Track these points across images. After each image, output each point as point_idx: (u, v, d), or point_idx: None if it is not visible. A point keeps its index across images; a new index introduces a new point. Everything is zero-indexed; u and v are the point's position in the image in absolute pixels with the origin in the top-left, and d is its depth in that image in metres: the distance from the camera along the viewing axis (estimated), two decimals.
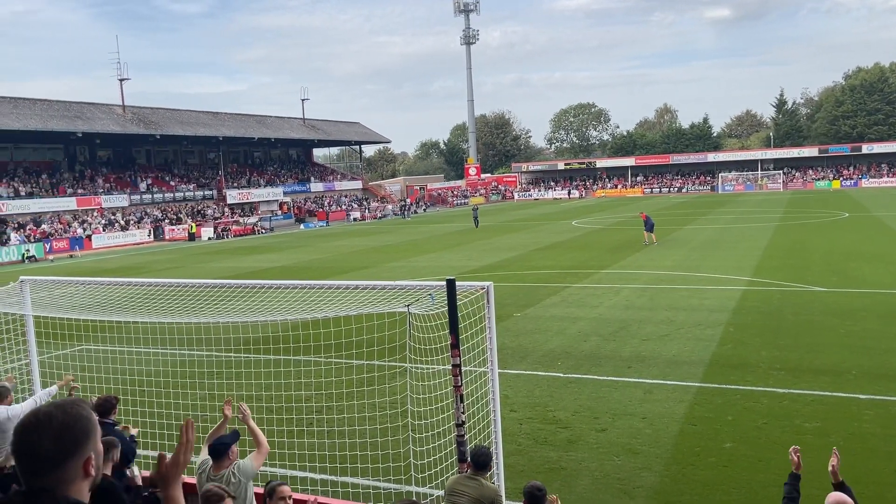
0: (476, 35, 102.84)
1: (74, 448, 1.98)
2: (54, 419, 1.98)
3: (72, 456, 1.97)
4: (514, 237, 40.73)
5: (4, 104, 52.69)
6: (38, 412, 2.01)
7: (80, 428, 2.01)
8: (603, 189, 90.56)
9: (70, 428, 1.99)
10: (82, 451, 2.00)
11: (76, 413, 2.02)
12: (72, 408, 2.04)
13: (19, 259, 43.04)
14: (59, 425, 1.98)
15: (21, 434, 1.98)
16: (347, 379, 12.13)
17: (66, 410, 2.02)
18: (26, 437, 1.97)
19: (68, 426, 1.98)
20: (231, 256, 38.74)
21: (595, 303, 19.72)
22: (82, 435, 2.00)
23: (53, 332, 10.38)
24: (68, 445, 1.97)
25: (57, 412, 2.01)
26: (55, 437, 1.96)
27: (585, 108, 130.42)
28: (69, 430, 1.98)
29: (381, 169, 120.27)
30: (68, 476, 1.97)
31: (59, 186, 55.44)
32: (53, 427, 1.97)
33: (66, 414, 2.01)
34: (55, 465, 1.95)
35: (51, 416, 1.99)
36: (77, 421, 2.01)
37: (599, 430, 10.34)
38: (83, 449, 2.00)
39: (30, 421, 1.99)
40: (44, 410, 2.02)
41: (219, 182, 66.67)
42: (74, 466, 1.98)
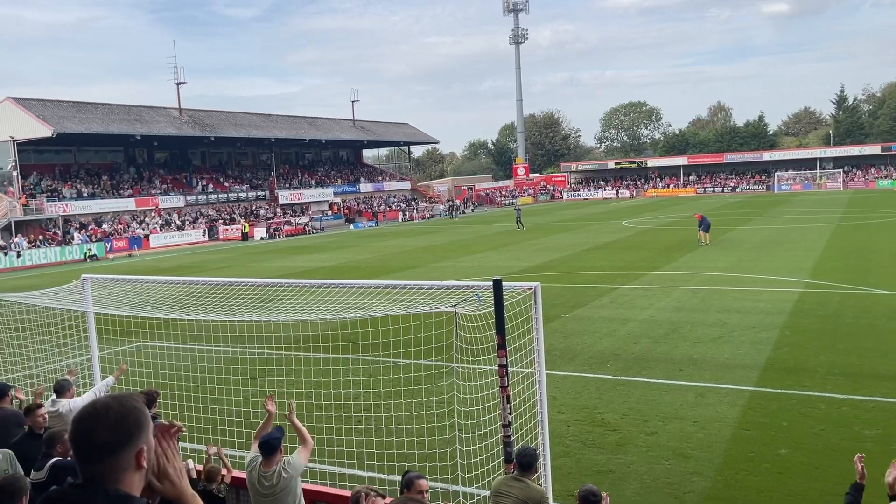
0: (525, 34, 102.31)
1: (128, 438, 2.04)
2: (110, 410, 2.05)
3: (125, 446, 2.04)
4: (563, 237, 40.41)
5: (68, 108, 54.64)
6: (96, 403, 2.09)
7: (134, 419, 2.07)
8: (654, 188, 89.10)
9: (124, 419, 2.05)
10: (135, 441, 2.06)
11: (131, 405, 2.09)
12: (127, 400, 2.12)
13: (82, 258, 44.55)
14: (115, 416, 2.04)
15: (78, 423, 2.06)
16: (395, 378, 12.21)
17: (122, 402, 2.09)
18: (83, 426, 2.05)
19: (123, 417, 2.05)
20: (283, 256, 39.40)
21: (645, 304, 19.42)
22: (136, 426, 2.07)
23: (112, 328, 10.71)
24: (122, 435, 2.04)
25: (113, 403, 2.08)
26: (110, 427, 2.03)
27: (637, 107, 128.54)
28: (124, 420, 2.05)
29: (430, 169, 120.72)
30: (121, 465, 2.03)
31: (119, 187, 57.23)
32: (109, 417, 2.04)
33: (122, 405, 2.08)
34: (110, 453, 2.02)
35: (107, 407, 2.06)
36: (131, 412, 2.08)
37: (649, 433, 10.18)
38: (136, 440, 2.06)
39: (87, 411, 2.07)
40: (101, 402, 2.09)
41: (271, 183, 67.87)
42: (127, 457, 2.04)
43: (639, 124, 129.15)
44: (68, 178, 55.40)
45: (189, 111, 64.08)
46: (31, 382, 10.48)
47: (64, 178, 55.34)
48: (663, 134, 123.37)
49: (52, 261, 43.42)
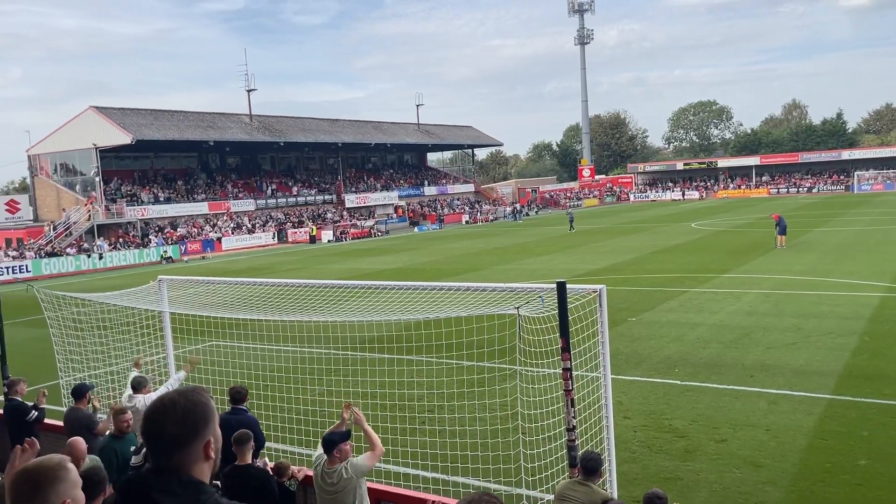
0: (590, 35, 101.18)
1: (195, 431, 2.14)
2: (177, 405, 2.15)
3: (193, 439, 2.14)
4: (630, 239, 39.73)
5: (147, 116, 56.92)
6: (164, 399, 2.19)
7: (200, 413, 2.17)
8: (725, 190, 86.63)
9: (192, 412, 2.15)
10: (202, 434, 2.16)
11: (196, 399, 2.19)
12: (193, 394, 2.21)
13: (158, 260, 46.32)
14: (182, 411, 2.14)
15: (148, 419, 2.17)
16: (458, 379, 12.25)
17: (188, 397, 2.19)
18: (153, 422, 2.15)
19: (190, 411, 2.15)
20: (349, 258, 40.03)
21: (715, 308, 18.92)
22: (202, 420, 2.16)
23: (187, 328, 11.10)
24: (189, 429, 2.13)
25: (180, 399, 2.17)
26: (178, 422, 2.12)
27: (706, 106, 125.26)
28: (190, 414, 2.14)
29: (493, 172, 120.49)
30: (190, 458, 2.13)
31: (193, 192, 59.27)
32: (177, 412, 2.13)
33: (188, 400, 2.17)
34: (178, 447, 2.12)
35: (174, 403, 2.16)
36: (197, 406, 2.17)
37: (719, 440, 9.92)
38: (203, 433, 2.16)
39: (156, 407, 2.18)
40: (168, 397, 2.20)
41: (338, 186, 69.07)
42: (196, 449, 2.14)
43: (708, 124, 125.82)
44: (146, 184, 57.69)
45: (259, 117, 65.85)
46: (111, 379, 10.97)
47: (142, 183, 57.67)
48: (734, 133, 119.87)
49: (131, 263, 45.29)
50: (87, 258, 43.77)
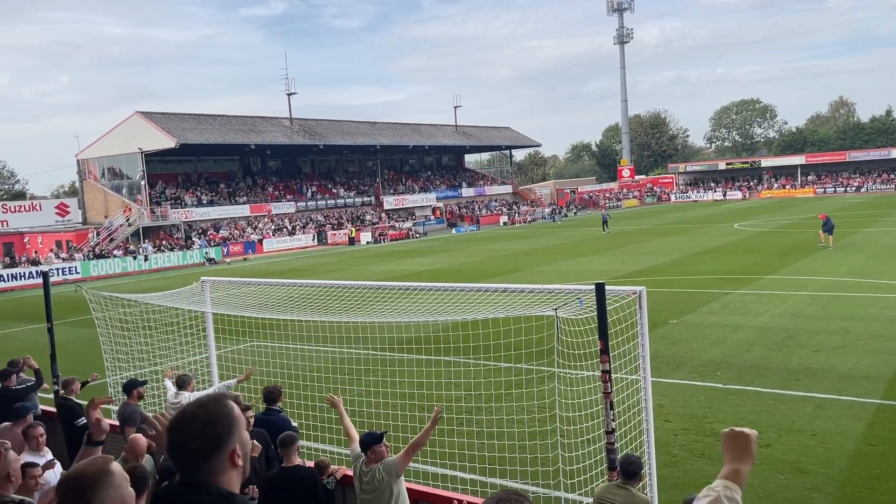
0: (630, 34, 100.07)
1: (218, 443, 2.12)
2: (198, 418, 2.13)
3: (217, 450, 2.11)
4: (671, 240, 39.18)
5: (190, 121, 58.09)
6: (185, 412, 2.17)
7: (223, 424, 2.14)
8: (768, 189, 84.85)
9: (212, 425, 2.12)
10: (226, 444, 2.13)
11: (217, 410, 2.16)
12: (213, 405, 2.18)
13: (201, 262, 47.19)
14: (203, 423, 2.12)
15: (171, 433, 2.16)
16: (496, 381, 12.22)
17: (208, 408, 2.16)
18: (176, 436, 2.14)
19: (211, 423, 2.12)
20: (387, 260, 40.26)
21: (759, 310, 18.54)
22: (225, 430, 2.14)
23: (229, 328, 11.29)
24: (212, 441, 2.11)
25: (199, 411, 2.15)
26: (199, 435, 2.10)
27: (749, 105, 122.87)
28: (212, 426, 2.12)
29: (531, 173, 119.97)
30: (217, 468, 2.12)
31: (235, 195, 60.27)
32: (197, 425, 2.12)
33: (209, 412, 2.15)
34: (203, 459, 2.10)
35: (195, 415, 2.14)
36: (219, 417, 2.14)
37: (763, 445, 9.71)
38: (227, 443, 2.13)
39: (177, 421, 2.16)
40: (189, 410, 2.17)
41: (376, 188, 69.54)
42: (221, 459, 2.12)
43: (751, 123, 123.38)
44: (189, 187, 58.85)
45: (299, 120, 66.67)
46: (156, 378, 11.20)
47: (186, 186, 58.84)
48: (778, 132, 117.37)
49: (175, 264, 46.22)
50: (132, 260, 44.82)
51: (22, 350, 14.24)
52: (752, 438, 2.32)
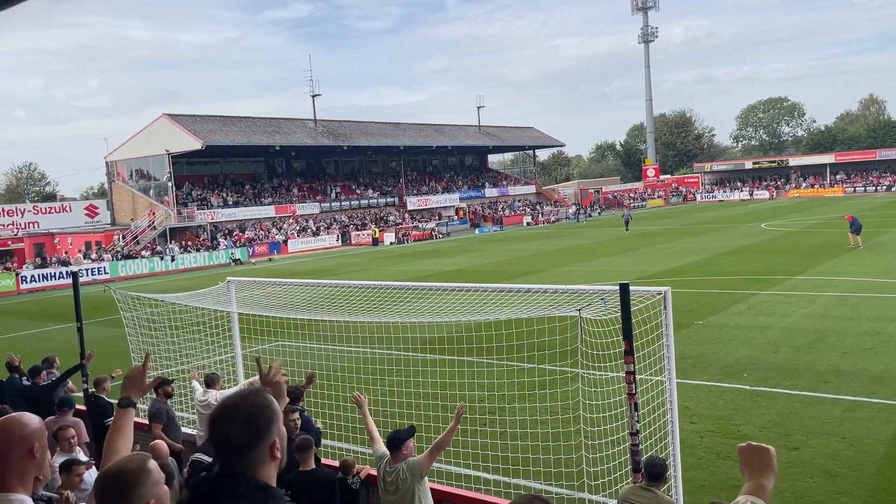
0: (655, 32, 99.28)
1: (259, 435, 2.15)
2: (241, 410, 2.15)
3: (258, 443, 2.14)
4: (696, 241, 38.79)
5: (216, 122, 58.71)
6: (227, 403, 2.20)
7: (264, 416, 2.17)
8: (796, 189, 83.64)
9: (254, 418, 2.15)
10: (267, 437, 2.16)
11: (259, 403, 2.19)
12: (255, 398, 2.21)
13: (227, 262, 47.68)
14: (245, 415, 2.14)
15: (213, 424, 2.18)
16: (520, 381, 12.19)
17: (251, 401, 2.19)
18: (218, 428, 2.16)
19: (253, 416, 2.15)
20: (411, 260, 40.35)
21: (787, 311, 18.29)
22: (266, 422, 2.17)
23: (254, 328, 11.39)
24: (254, 433, 2.14)
25: (242, 403, 2.18)
26: (242, 427, 2.13)
27: (777, 103, 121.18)
28: (254, 419, 2.15)
29: (555, 173, 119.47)
30: (257, 460, 2.15)
31: (260, 196, 60.80)
32: (240, 417, 2.14)
33: (251, 405, 2.18)
34: (244, 451, 2.13)
35: (237, 408, 2.16)
36: (261, 410, 2.17)
37: (791, 448, 9.58)
38: (268, 435, 2.16)
39: (219, 412, 2.19)
40: (231, 402, 2.20)
41: (400, 189, 69.74)
42: (261, 451, 2.15)
43: (779, 121, 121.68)
44: (215, 188, 59.48)
45: (323, 122, 67.06)
46: (182, 377, 11.34)
47: (212, 187, 59.49)
48: (807, 131, 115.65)
49: (201, 265, 46.74)
50: (160, 260, 45.42)
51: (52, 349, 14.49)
52: (772, 454, 2.29)
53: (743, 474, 2.27)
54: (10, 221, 49.03)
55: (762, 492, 2.21)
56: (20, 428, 2.68)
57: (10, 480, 2.60)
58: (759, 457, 2.24)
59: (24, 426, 2.70)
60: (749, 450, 2.28)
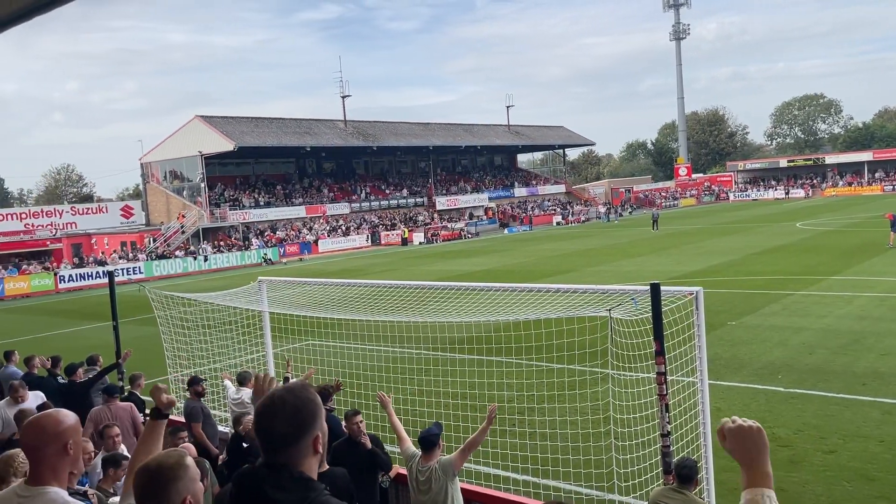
0: (687, 30, 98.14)
1: (304, 428, 2.20)
2: (287, 403, 2.21)
3: (303, 435, 2.19)
4: (730, 240, 38.24)
5: (248, 124, 59.40)
6: (273, 397, 2.25)
7: (309, 410, 2.22)
8: (833, 187, 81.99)
9: (300, 410, 2.20)
10: (311, 430, 2.21)
11: (305, 396, 2.25)
12: (301, 392, 2.27)
13: (259, 262, 48.21)
14: (291, 408, 2.20)
15: (260, 417, 2.24)
16: (549, 382, 12.12)
17: (297, 394, 2.24)
18: (264, 420, 2.22)
19: (299, 409, 2.20)
20: (440, 260, 40.39)
21: (823, 312, 17.94)
22: (310, 416, 2.22)
23: (285, 327, 11.50)
24: (299, 426, 2.19)
25: (289, 396, 2.23)
26: (288, 420, 2.18)
27: (812, 100, 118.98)
28: (299, 412, 2.20)
29: (585, 172, 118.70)
30: (301, 452, 2.20)
31: (291, 196, 61.38)
32: (286, 410, 2.19)
33: (297, 398, 2.23)
34: (289, 443, 2.18)
35: (284, 401, 2.22)
36: (306, 404, 2.23)
37: (827, 451, 9.40)
38: (312, 429, 2.21)
39: (266, 405, 2.24)
40: (278, 395, 2.25)
41: (429, 189, 69.85)
42: (305, 444, 2.20)
43: (815, 118, 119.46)
44: (247, 189, 60.18)
45: (353, 122, 67.46)
46: (214, 375, 11.50)
47: (243, 188, 60.20)
48: (843, 128, 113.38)
49: (234, 264, 47.34)
50: (193, 260, 46.09)
51: (90, 347, 14.78)
52: (765, 433, 2.03)
53: (735, 458, 2.02)
54: (48, 222, 50.15)
55: (768, 480, 1.98)
56: (55, 424, 2.75)
57: (44, 474, 2.66)
58: (752, 439, 1.99)
59: (59, 423, 2.76)
60: (740, 431, 2.00)
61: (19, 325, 27.11)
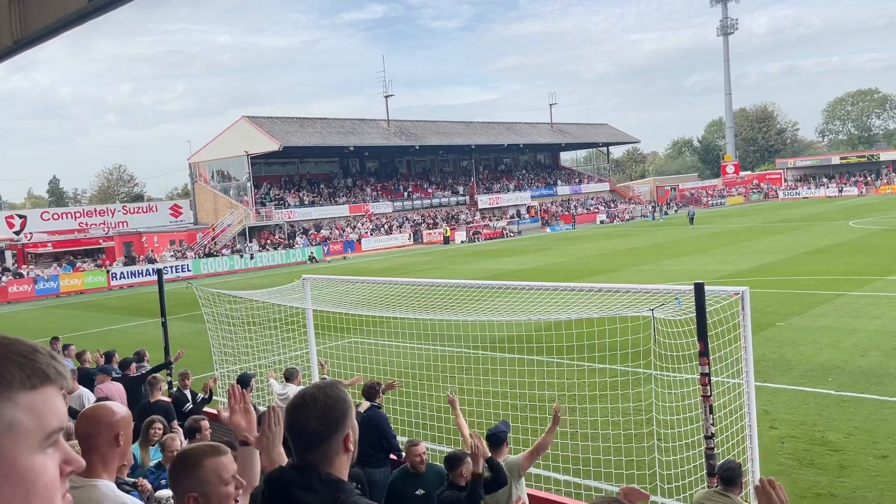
0: (735, 24, 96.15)
1: (335, 426, 2.20)
2: (318, 401, 2.22)
3: (334, 433, 2.20)
4: (779, 239, 37.35)
5: (293, 124, 60.21)
6: (304, 395, 2.27)
7: (340, 408, 2.23)
8: (888, 185, 79.37)
9: (331, 408, 2.21)
10: (343, 428, 2.22)
11: (336, 395, 2.26)
12: (332, 390, 2.28)
13: (303, 260, 48.85)
14: (323, 406, 2.21)
15: (291, 414, 2.26)
16: (591, 382, 12.04)
17: (328, 392, 2.26)
18: (296, 417, 2.23)
19: (330, 407, 2.21)
20: (481, 259, 40.36)
21: (876, 313, 17.40)
22: (341, 414, 2.23)
23: (328, 324, 11.65)
24: (331, 424, 2.20)
25: (320, 394, 2.24)
26: (320, 417, 2.19)
27: (867, 95, 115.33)
28: (331, 410, 2.21)
29: (630, 170, 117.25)
30: (332, 450, 2.21)
31: (335, 195, 62.03)
32: (318, 408, 2.20)
33: (328, 396, 2.24)
34: (321, 441, 2.19)
35: (315, 399, 2.23)
36: (337, 402, 2.23)
37: (879, 456, 9.13)
38: (343, 427, 2.22)
39: (297, 403, 2.26)
40: (309, 393, 2.27)
41: (471, 188, 69.83)
42: (337, 443, 2.21)
43: (869, 114, 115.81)
44: (292, 188, 61.01)
45: (396, 122, 67.82)
46: (259, 372, 11.71)
47: (288, 187, 61.06)
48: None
49: (279, 263, 48.04)
50: (239, 258, 46.94)
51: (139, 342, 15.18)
52: None
53: None
54: (101, 221, 51.66)
55: None
56: (109, 415, 2.84)
57: (95, 465, 2.75)
58: None
59: (112, 413, 2.86)
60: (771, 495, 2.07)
61: (74, 320, 27.99)
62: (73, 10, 4.25)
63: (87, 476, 2.72)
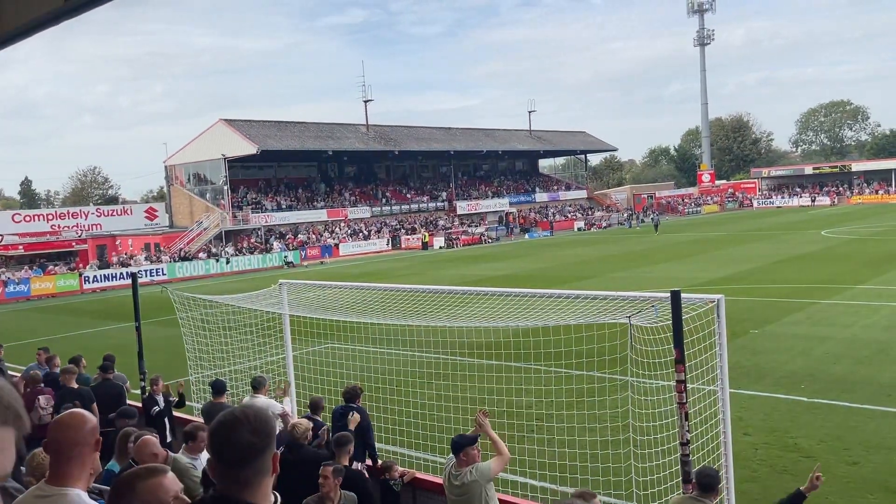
0: (711, 35, 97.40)
1: (269, 438, 2.14)
2: (248, 416, 2.14)
3: (268, 445, 2.13)
4: (753, 248, 37.84)
5: (271, 128, 59.88)
6: (234, 411, 2.19)
7: (271, 424, 2.19)
8: (860, 195, 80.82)
9: (264, 422, 2.15)
10: (273, 443, 2.17)
11: (263, 413, 2.24)
12: (257, 409, 2.27)
13: (280, 265, 48.53)
14: (255, 419, 2.13)
15: (222, 431, 2.12)
16: (567, 388, 12.08)
17: (255, 409, 2.23)
18: (227, 433, 2.10)
19: (263, 420, 2.15)
20: (460, 264, 40.39)
21: (847, 322, 17.68)
22: (273, 429, 2.18)
23: (305, 329, 11.56)
24: (265, 436, 2.12)
25: (248, 411, 2.19)
26: (253, 430, 2.10)
27: (839, 106, 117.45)
28: (264, 423, 2.15)
29: (607, 178, 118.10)
30: (263, 467, 2.12)
31: (313, 200, 61.73)
32: (250, 421, 2.12)
33: (256, 411, 2.21)
34: (256, 453, 2.10)
35: (245, 414, 2.15)
36: (267, 418, 2.19)
37: (850, 463, 9.26)
38: (273, 441, 2.17)
39: (227, 419, 2.15)
40: (238, 410, 2.20)
41: (450, 194, 69.91)
42: (268, 457, 2.13)
43: (841, 125, 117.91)
44: (269, 192, 60.63)
45: (375, 127, 67.73)
46: (235, 378, 11.59)
47: (266, 191, 60.66)
48: (871, 135, 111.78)
49: (255, 267, 47.69)
50: (215, 262, 46.51)
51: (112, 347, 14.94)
52: None
53: None
54: (74, 223, 50.91)
55: None
56: (87, 422, 2.79)
57: (72, 473, 2.69)
58: None
59: (89, 420, 2.81)
60: None
61: (45, 324, 27.54)
62: (49, 9, 4.19)
63: (61, 485, 2.67)
